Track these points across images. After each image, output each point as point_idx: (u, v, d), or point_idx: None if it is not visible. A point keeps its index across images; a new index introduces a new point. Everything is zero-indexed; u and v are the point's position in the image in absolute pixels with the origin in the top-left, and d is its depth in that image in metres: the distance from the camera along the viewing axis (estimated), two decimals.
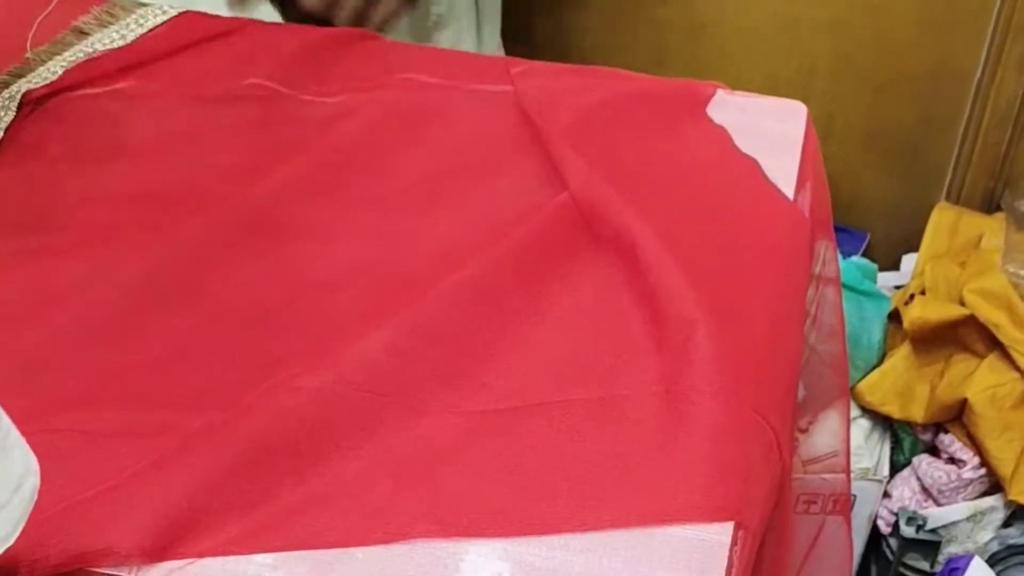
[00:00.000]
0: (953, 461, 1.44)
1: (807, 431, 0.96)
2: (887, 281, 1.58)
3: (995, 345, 1.40)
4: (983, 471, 1.41)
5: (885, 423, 1.48)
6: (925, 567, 1.43)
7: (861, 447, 1.45)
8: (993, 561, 1.40)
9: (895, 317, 1.47)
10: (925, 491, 1.44)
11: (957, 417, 1.43)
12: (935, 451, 1.47)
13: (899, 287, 1.55)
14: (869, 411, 1.47)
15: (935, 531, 1.42)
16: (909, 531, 1.42)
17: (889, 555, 1.46)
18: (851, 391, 1.46)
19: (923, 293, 1.44)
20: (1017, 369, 1.38)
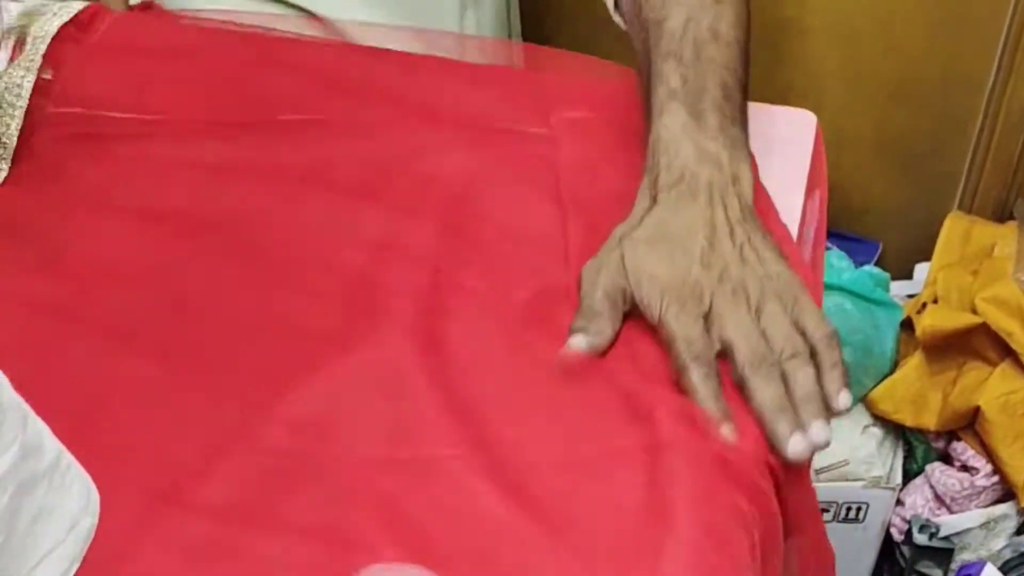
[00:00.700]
0: (966, 469, 1.44)
1: None
2: (900, 290, 1.58)
3: (1008, 353, 1.40)
4: (996, 478, 1.41)
5: (898, 431, 1.48)
6: (938, 574, 1.43)
7: (874, 455, 1.45)
8: (1006, 568, 1.40)
9: (907, 326, 1.47)
10: (938, 499, 1.44)
11: (970, 425, 1.43)
12: (948, 459, 1.47)
13: (912, 296, 1.55)
14: (882, 419, 1.47)
15: (948, 539, 1.42)
16: (922, 539, 1.42)
17: (902, 563, 1.46)
18: (864, 400, 1.47)
19: (935, 302, 1.44)
20: None
